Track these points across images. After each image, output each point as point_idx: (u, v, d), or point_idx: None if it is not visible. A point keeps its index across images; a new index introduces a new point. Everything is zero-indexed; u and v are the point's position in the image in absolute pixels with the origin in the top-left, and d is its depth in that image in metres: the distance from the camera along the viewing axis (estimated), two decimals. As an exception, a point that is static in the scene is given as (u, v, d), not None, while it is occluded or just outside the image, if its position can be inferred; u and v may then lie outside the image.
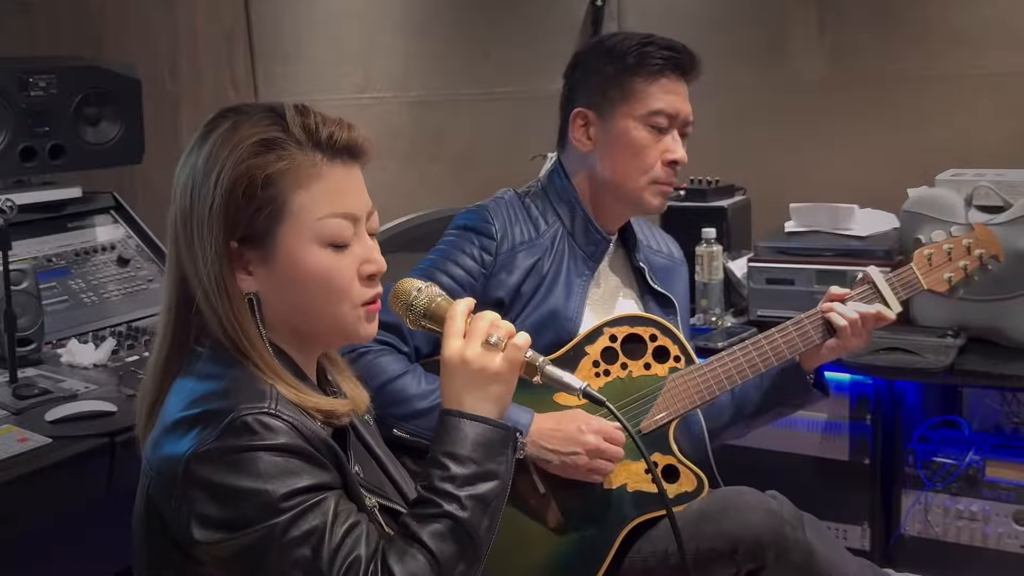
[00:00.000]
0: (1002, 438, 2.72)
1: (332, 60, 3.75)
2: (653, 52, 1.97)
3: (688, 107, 2.01)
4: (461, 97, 3.74)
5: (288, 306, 1.30)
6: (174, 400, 1.28)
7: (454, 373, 1.30)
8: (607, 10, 3.52)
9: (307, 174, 1.27)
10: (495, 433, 1.29)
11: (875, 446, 2.66)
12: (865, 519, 2.68)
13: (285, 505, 1.18)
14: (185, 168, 1.31)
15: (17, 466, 1.83)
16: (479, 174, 3.72)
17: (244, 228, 1.27)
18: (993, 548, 2.58)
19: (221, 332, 1.28)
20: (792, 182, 3.22)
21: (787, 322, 1.98)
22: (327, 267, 1.29)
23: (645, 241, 2.16)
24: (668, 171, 1.98)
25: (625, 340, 1.95)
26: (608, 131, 1.99)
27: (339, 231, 1.29)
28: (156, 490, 1.24)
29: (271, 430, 1.20)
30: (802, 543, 1.82)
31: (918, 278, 2.03)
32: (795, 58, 3.26)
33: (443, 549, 1.22)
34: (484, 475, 1.26)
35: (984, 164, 2.85)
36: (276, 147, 1.26)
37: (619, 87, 1.97)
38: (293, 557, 1.18)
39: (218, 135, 1.28)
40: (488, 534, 1.27)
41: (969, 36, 3.00)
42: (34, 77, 2.64)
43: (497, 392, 1.30)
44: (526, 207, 2.04)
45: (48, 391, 2.14)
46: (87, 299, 2.61)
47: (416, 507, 1.26)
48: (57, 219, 2.74)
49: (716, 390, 1.94)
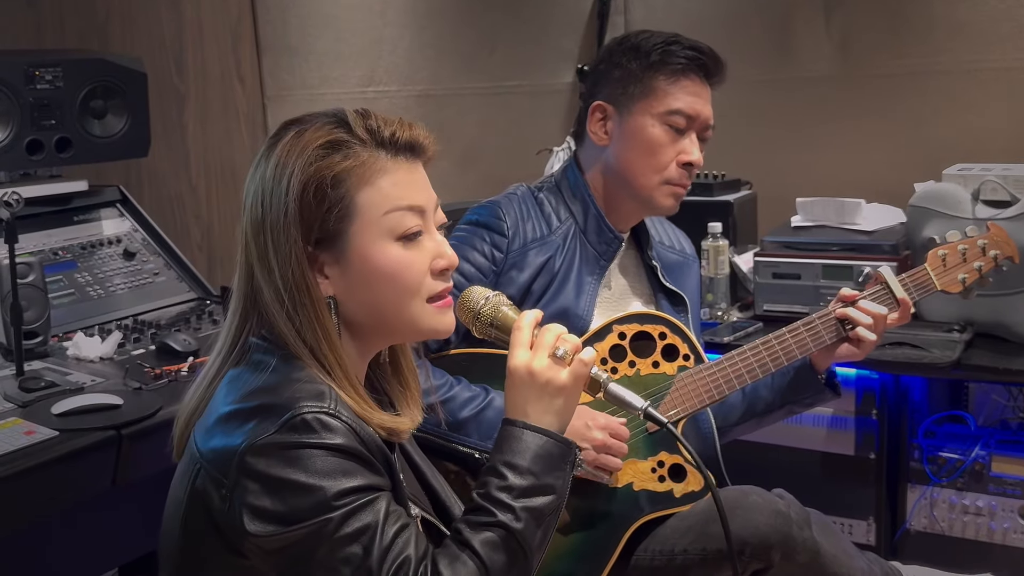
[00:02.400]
0: (1008, 433, 2.71)
1: (338, 54, 3.75)
2: (678, 51, 1.95)
3: (709, 111, 1.99)
4: (467, 91, 3.73)
5: (362, 305, 1.32)
6: (227, 390, 1.29)
7: (520, 384, 1.31)
8: (613, 4, 3.52)
9: (372, 171, 1.30)
10: (556, 447, 1.30)
11: (881, 441, 2.66)
12: (871, 514, 2.68)
13: (338, 503, 1.19)
14: (254, 180, 1.32)
15: (23, 459, 1.83)
16: (485, 168, 3.72)
17: (318, 230, 1.29)
18: (999, 543, 2.57)
19: (299, 341, 1.28)
20: (798, 176, 3.22)
21: (798, 322, 1.97)
22: (397, 261, 1.31)
23: (657, 237, 2.15)
24: (682, 173, 1.97)
25: (634, 338, 1.94)
26: (625, 126, 1.98)
27: (406, 222, 1.31)
28: (205, 479, 1.24)
29: (330, 430, 1.21)
30: (809, 543, 1.81)
31: (932, 279, 2.01)
32: (802, 53, 3.25)
33: (494, 559, 1.23)
34: (542, 488, 1.27)
35: (991, 159, 2.85)
36: (341, 147, 1.29)
37: (640, 83, 1.97)
38: (344, 554, 1.18)
39: (284, 144, 1.31)
40: (540, 549, 1.28)
41: (976, 31, 2.99)
42: (40, 70, 2.64)
43: (561, 406, 1.31)
44: (539, 203, 2.03)
45: (54, 384, 2.15)
46: (93, 292, 2.62)
47: (470, 514, 1.27)
48: (63, 212, 2.74)
49: (725, 389, 1.93)
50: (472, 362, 1.91)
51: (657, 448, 1.90)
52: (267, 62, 3.74)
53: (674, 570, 1.85)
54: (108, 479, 1.96)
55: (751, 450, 2.65)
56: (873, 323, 1.92)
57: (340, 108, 1.35)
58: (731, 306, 2.86)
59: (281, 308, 1.28)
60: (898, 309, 1.96)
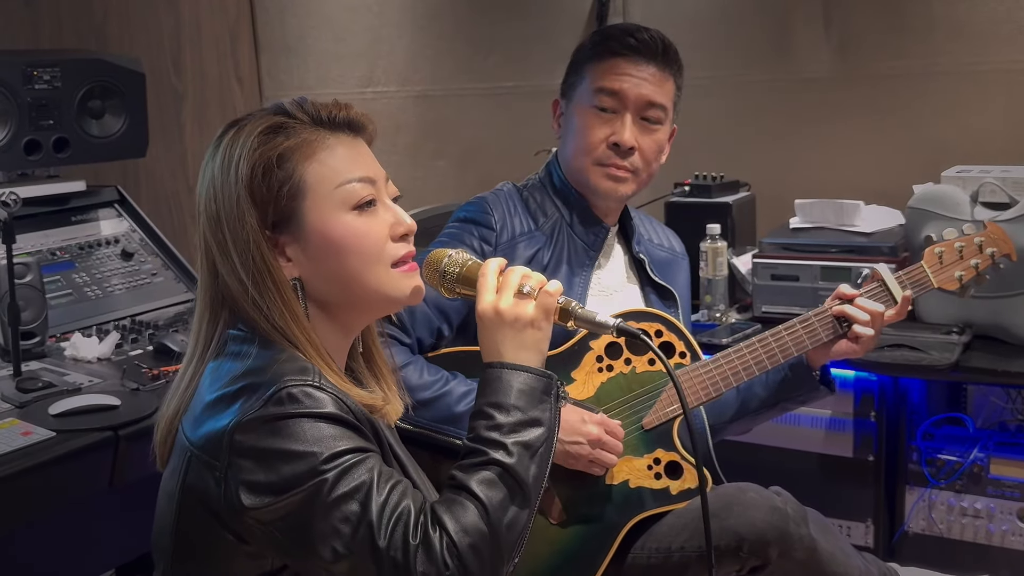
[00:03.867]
0: (1007, 435, 2.71)
1: (336, 54, 3.74)
2: (610, 36, 1.99)
3: (646, 89, 1.96)
4: (466, 92, 3.73)
5: (329, 282, 1.33)
6: (210, 381, 1.29)
7: (490, 326, 1.33)
8: (612, 5, 3.52)
9: (316, 147, 1.33)
10: (537, 381, 1.31)
11: (879, 443, 2.65)
12: (869, 516, 2.68)
13: (330, 465, 1.20)
14: (204, 180, 1.34)
15: (21, 459, 1.83)
16: (483, 169, 3.71)
17: (273, 212, 1.30)
18: (997, 545, 2.57)
19: (269, 326, 1.29)
20: (797, 178, 3.22)
21: (794, 319, 1.97)
22: (355, 230, 1.32)
23: (646, 235, 2.16)
24: (610, 153, 1.96)
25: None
26: (567, 115, 2.03)
27: (359, 192, 1.33)
28: (198, 469, 1.25)
29: (316, 400, 1.22)
30: (806, 539, 1.81)
31: (928, 276, 2.02)
32: (800, 54, 3.25)
33: (491, 496, 1.24)
34: (529, 422, 1.29)
35: (990, 160, 2.85)
36: (283, 129, 1.32)
37: (577, 73, 2.02)
38: (342, 512, 1.19)
39: (228, 139, 1.34)
40: (537, 482, 1.28)
41: (975, 32, 2.99)
42: (38, 70, 2.64)
43: (533, 339, 1.33)
44: (524, 200, 2.05)
45: (52, 385, 2.14)
46: (91, 293, 2.61)
47: (464, 458, 1.28)
48: (61, 212, 2.74)
49: (722, 387, 1.93)
50: (468, 358, 1.91)
51: (653, 446, 1.90)
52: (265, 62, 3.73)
53: (671, 568, 1.85)
54: (105, 480, 1.96)
55: (750, 451, 2.65)
56: (871, 320, 1.92)
57: (277, 100, 1.38)
58: (729, 308, 2.85)
59: (247, 297, 1.29)
60: (895, 306, 1.95)
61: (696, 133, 3.42)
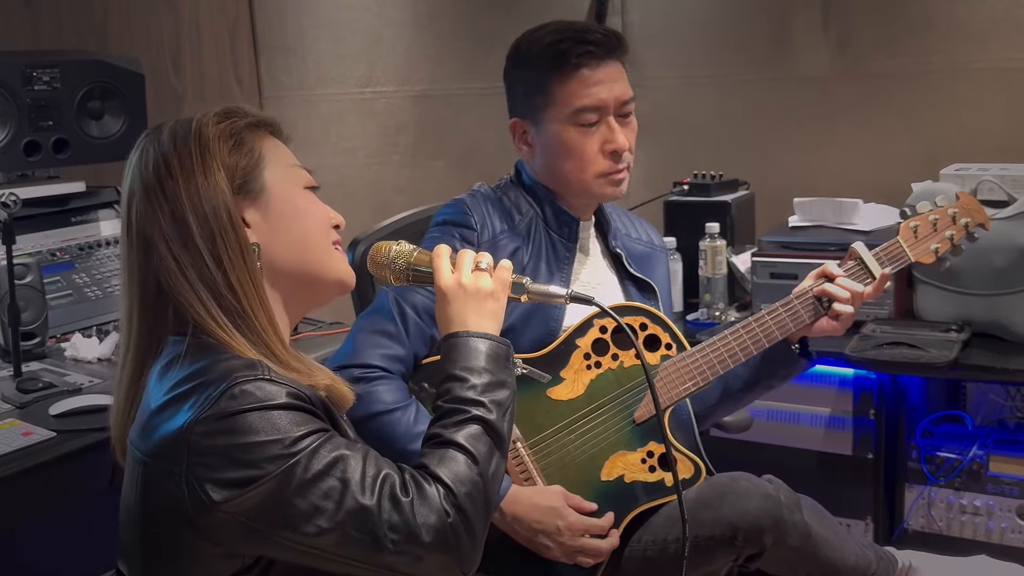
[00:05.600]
0: (1006, 433, 2.71)
1: (336, 54, 3.75)
2: (566, 49, 1.92)
3: (618, 89, 1.94)
4: (465, 91, 3.73)
5: (285, 248, 1.36)
6: (157, 386, 1.28)
7: (454, 298, 1.42)
8: (610, 5, 3.52)
9: (263, 135, 1.39)
10: (500, 348, 1.40)
11: (879, 441, 2.66)
12: (869, 513, 2.68)
13: (298, 447, 1.20)
14: (145, 162, 1.35)
15: (21, 460, 1.83)
16: (483, 169, 3.69)
17: (240, 176, 1.33)
18: (996, 543, 2.58)
19: (217, 308, 1.28)
20: (796, 176, 3.22)
21: (776, 303, 1.97)
22: (310, 205, 1.40)
23: (623, 229, 2.15)
24: (610, 162, 1.94)
25: (616, 330, 1.93)
26: (542, 138, 1.97)
27: (308, 178, 1.41)
28: (156, 473, 1.23)
29: (268, 392, 1.22)
30: (800, 525, 1.82)
31: (905, 251, 2.02)
32: (799, 52, 3.25)
33: (479, 448, 1.31)
34: (499, 383, 1.37)
35: (988, 158, 2.85)
36: (235, 113, 1.37)
37: (541, 93, 1.94)
38: (321, 489, 1.20)
39: (172, 125, 1.37)
40: (507, 437, 1.37)
41: (973, 30, 2.99)
42: (38, 71, 2.64)
43: (493, 308, 1.43)
44: (499, 199, 2.04)
45: (52, 385, 2.15)
46: (91, 293, 2.62)
47: (443, 418, 1.34)
48: (61, 213, 2.74)
49: (709, 375, 1.93)
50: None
51: (646, 439, 1.90)
52: (264, 62, 3.74)
53: (667, 560, 1.85)
54: (106, 480, 1.95)
55: (749, 449, 2.65)
56: (851, 298, 1.93)
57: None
58: (728, 306, 2.86)
59: (202, 271, 1.28)
60: (873, 283, 1.97)
61: (695, 132, 3.44)
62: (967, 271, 2.55)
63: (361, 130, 3.74)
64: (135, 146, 1.39)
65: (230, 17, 3.59)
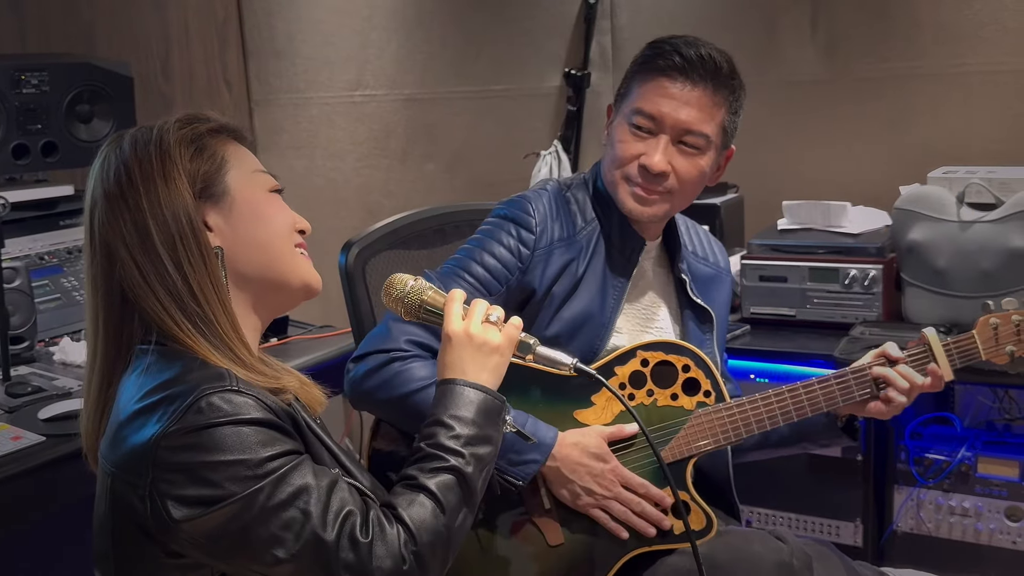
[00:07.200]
0: (994, 434, 2.73)
1: (325, 57, 3.75)
2: (659, 52, 1.87)
3: (685, 113, 1.83)
4: (454, 95, 3.74)
5: (249, 250, 1.35)
6: (125, 397, 1.27)
7: (458, 346, 1.41)
8: (600, 8, 3.53)
9: (225, 140, 1.39)
10: (493, 403, 1.40)
11: (867, 442, 2.66)
12: (858, 515, 2.69)
13: (264, 470, 1.20)
14: (106, 170, 1.34)
15: (10, 464, 1.83)
16: (473, 172, 3.72)
17: (201, 180, 1.33)
18: (985, 544, 2.59)
19: (182, 315, 1.28)
20: (785, 180, 3.23)
21: (829, 373, 1.87)
22: (278, 207, 1.40)
23: (691, 247, 2.06)
24: (638, 173, 1.85)
25: (656, 366, 1.86)
26: (613, 125, 1.93)
27: (272, 181, 1.41)
28: (122, 485, 1.23)
29: (237, 405, 1.22)
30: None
31: (979, 349, 1.87)
32: (787, 56, 3.27)
33: (449, 499, 1.31)
34: (484, 438, 1.37)
35: (976, 161, 2.87)
36: (198, 119, 1.39)
37: (627, 84, 1.92)
38: (282, 519, 1.20)
39: (133, 132, 1.38)
40: (480, 492, 1.37)
41: (960, 33, 3.01)
42: (26, 74, 2.63)
43: (496, 363, 1.42)
44: (566, 201, 1.95)
45: (41, 389, 2.14)
46: (79, 297, 2.61)
47: (421, 462, 1.34)
48: (49, 217, 2.73)
49: (743, 432, 1.86)
50: None
51: (665, 482, 1.82)
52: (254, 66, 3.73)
53: None
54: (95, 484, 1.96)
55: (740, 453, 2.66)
56: (908, 389, 1.83)
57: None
58: (718, 309, 2.86)
59: (161, 279, 1.28)
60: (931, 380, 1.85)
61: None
62: (955, 273, 2.57)
63: (351, 133, 3.74)
64: (98, 153, 1.38)
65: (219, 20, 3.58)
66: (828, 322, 2.73)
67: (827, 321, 2.74)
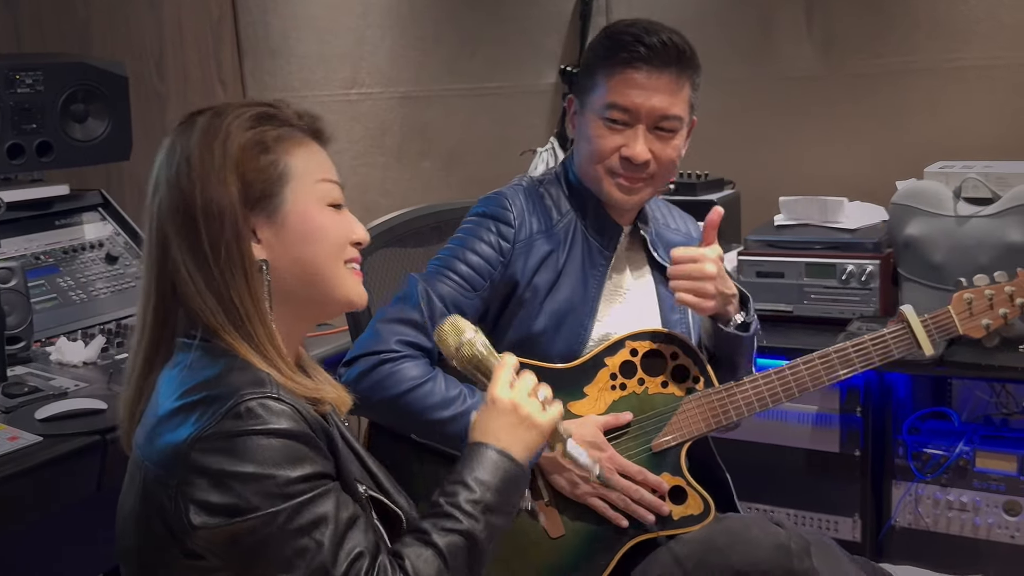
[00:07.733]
0: (991, 429, 2.73)
1: (320, 56, 3.74)
2: (621, 44, 1.88)
3: (658, 100, 1.86)
4: (450, 92, 3.73)
5: (294, 267, 1.34)
6: (165, 391, 1.28)
7: (501, 412, 1.41)
8: (595, 5, 3.52)
9: (300, 143, 1.37)
10: (520, 476, 1.40)
11: (865, 438, 2.67)
12: (856, 510, 2.70)
13: (289, 491, 1.20)
14: (171, 157, 1.34)
15: (7, 465, 1.82)
16: (468, 169, 3.72)
17: (259, 189, 1.32)
18: (983, 538, 2.59)
19: (225, 319, 1.29)
20: (781, 175, 3.23)
21: (813, 353, 1.92)
22: (332, 221, 1.37)
23: (662, 219, 2.10)
24: (621, 165, 1.88)
25: (646, 355, 1.90)
26: (581, 119, 1.95)
27: (334, 193, 1.38)
28: (154, 481, 1.24)
29: (275, 414, 1.22)
30: (810, 573, 1.77)
31: (955, 322, 1.95)
32: (783, 51, 3.26)
33: (456, 562, 1.30)
34: (502, 509, 1.36)
35: (972, 156, 2.87)
36: (271, 119, 1.36)
37: (590, 77, 1.92)
38: (297, 546, 1.20)
39: (205, 120, 1.34)
40: (486, 561, 1.35)
41: (955, 28, 3.01)
42: (20, 74, 2.63)
43: (530, 440, 1.41)
44: (540, 196, 1.99)
45: (38, 389, 2.14)
46: (76, 297, 2.60)
47: (437, 518, 1.32)
48: (45, 217, 2.73)
49: (733, 415, 1.89)
50: None
51: (660, 469, 1.86)
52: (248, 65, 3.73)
53: None
54: (93, 484, 1.95)
55: (738, 448, 2.65)
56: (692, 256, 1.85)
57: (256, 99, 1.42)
58: (715, 305, 2.86)
59: (206, 278, 1.29)
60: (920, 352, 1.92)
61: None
62: (952, 268, 2.57)
63: (346, 132, 3.73)
64: (168, 136, 1.37)
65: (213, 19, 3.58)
66: (825, 318, 2.73)
67: (824, 317, 2.73)
